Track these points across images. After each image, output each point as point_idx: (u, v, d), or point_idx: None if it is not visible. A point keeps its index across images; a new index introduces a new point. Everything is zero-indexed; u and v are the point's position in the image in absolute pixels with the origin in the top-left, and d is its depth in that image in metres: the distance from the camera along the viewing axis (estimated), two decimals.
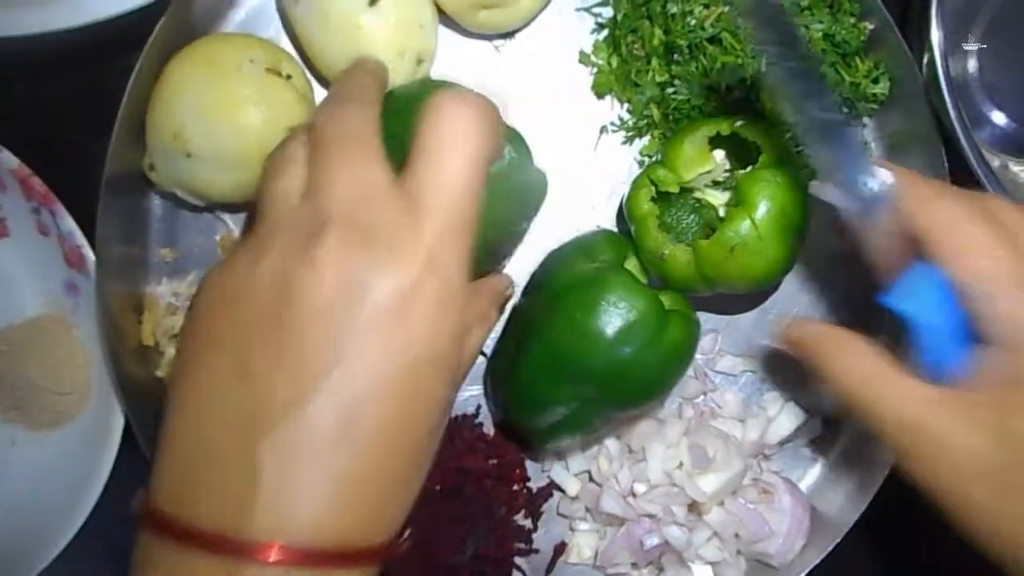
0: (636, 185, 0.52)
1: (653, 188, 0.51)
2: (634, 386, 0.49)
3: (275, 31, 0.54)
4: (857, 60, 0.54)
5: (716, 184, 0.53)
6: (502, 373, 0.52)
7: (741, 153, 0.52)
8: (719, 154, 0.53)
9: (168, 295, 0.53)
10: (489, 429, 0.56)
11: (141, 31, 0.48)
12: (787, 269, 0.50)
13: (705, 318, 0.57)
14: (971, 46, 0.60)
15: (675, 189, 0.51)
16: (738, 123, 0.50)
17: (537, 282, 0.52)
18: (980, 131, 0.60)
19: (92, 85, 0.54)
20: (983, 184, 0.52)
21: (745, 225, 0.47)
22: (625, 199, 0.52)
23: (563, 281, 0.49)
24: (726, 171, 0.53)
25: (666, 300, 0.50)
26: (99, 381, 0.54)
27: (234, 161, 0.48)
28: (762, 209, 0.47)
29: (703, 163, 0.52)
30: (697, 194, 0.54)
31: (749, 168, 0.50)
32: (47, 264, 0.54)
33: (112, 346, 0.50)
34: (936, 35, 0.51)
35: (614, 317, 0.47)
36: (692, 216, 0.54)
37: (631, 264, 0.52)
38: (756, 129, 0.50)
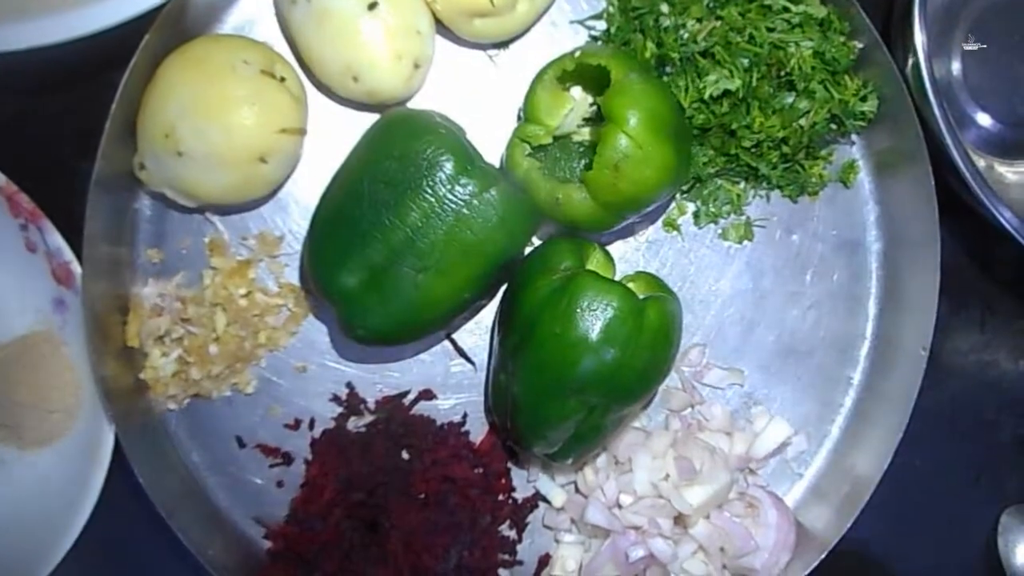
0: (510, 146, 0.51)
1: (527, 145, 0.51)
2: (633, 377, 0.48)
3: (269, 35, 0.54)
4: (846, 78, 0.54)
5: (587, 121, 0.53)
6: (505, 408, 0.52)
7: (600, 86, 0.51)
8: (577, 91, 0.53)
9: (154, 296, 0.53)
10: (475, 437, 0.56)
11: (127, 49, 0.48)
12: (682, 170, 0.50)
13: (693, 331, 0.57)
14: (954, 49, 0.60)
15: (548, 140, 0.51)
16: (577, 54, 0.49)
17: (508, 314, 0.52)
18: (965, 132, 0.61)
19: (78, 103, 0.54)
20: (970, 184, 0.52)
21: (621, 140, 0.47)
22: (504, 163, 0.51)
23: (532, 303, 0.48)
24: (591, 105, 0.53)
25: (637, 287, 0.49)
26: (89, 398, 0.53)
27: (225, 161, 0.48)
28: (631, 119, 0.47)
29: (563, 104, 0.51)
30: (576, 137, 0.53)
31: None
32: (35, 281, 0.53)
33: (96, 347, 0.50)
34: (920, 39, 0.52)
35: (592, 320, 0.46)
36: (580, 160, 0.53)
37: (595, 262, 0.51)
38: (600, 55, 0.49)
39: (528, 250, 0.52)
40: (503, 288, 0.53)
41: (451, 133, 0.48)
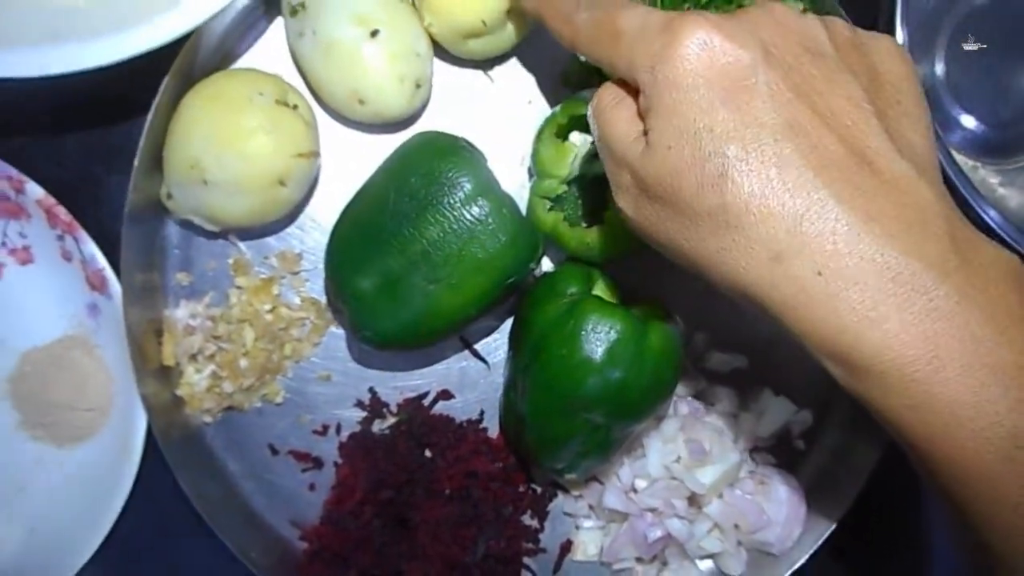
0: (532, 205, 0.55)
1: (546, 201, 0.54)
2: (636, 397, 0.51)
3: (279, 67, 0.57)
4: None
5: (596, 156, 0.53)
6: (514, 425, 0.55)
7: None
8: (576, 136, 0.55)
9: (186, 317, 0.56)
10: (493, 433, 0.59)
11: (157, 71, 0.52)
12: None
13: (697, 316, 0.60)
14: (937, 52, 0.62)
15: (564, 189, 0.54)
16: (559, 109, 0.53)
17: (518, 336, 0.55)
18: (951, 135, 0.63)
19: (109, 123, 0.59)
20: (955, 185, 0.54)
21: None
22: (527, 213, 0.55)
23: (540, 326, 0.51)
24: (592, 143, 0.54)
25: (639, 310, 0.52)
26: (120, 397, 0.56)
27: (247, 186, 0.51)
28: None
29: (567, 153, 0.54)
30: (589, 174, 0.54)
31: None
32: (70, 288, 0.57)
33: (137, 368, 0.53)
34: (902, 41, 0.53)
35: (597, 342, 0.49)
36: (601, 192, 0.53)
37: (600, 287, 0.54)
38: (581, 101, 0.53)
39: (539, 274, 0.56)
40: (516, 308, 0.55)
41: (474, 158, 0.51)
